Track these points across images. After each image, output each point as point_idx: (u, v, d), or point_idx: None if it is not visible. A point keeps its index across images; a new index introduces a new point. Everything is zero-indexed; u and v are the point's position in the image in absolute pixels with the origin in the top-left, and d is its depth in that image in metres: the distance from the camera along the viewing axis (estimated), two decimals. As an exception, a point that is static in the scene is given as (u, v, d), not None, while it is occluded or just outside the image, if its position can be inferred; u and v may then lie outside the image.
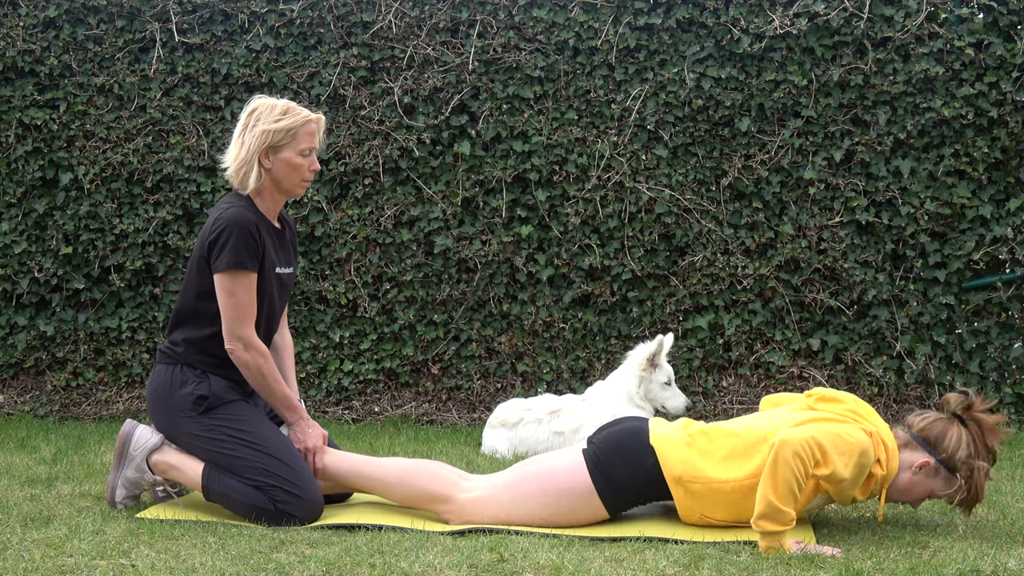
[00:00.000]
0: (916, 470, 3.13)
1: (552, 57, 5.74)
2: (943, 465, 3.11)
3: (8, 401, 5.99)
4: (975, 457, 3.11)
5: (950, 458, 3.11)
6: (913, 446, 3.17)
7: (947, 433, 3.13)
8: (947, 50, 5.53)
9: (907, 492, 3.16)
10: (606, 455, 3.17)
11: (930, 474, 3.13)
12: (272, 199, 3.42)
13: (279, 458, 3.22)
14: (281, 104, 3.37)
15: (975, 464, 3.10)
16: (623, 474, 3.13)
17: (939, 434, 3.14)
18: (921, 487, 3.14)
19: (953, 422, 3.16)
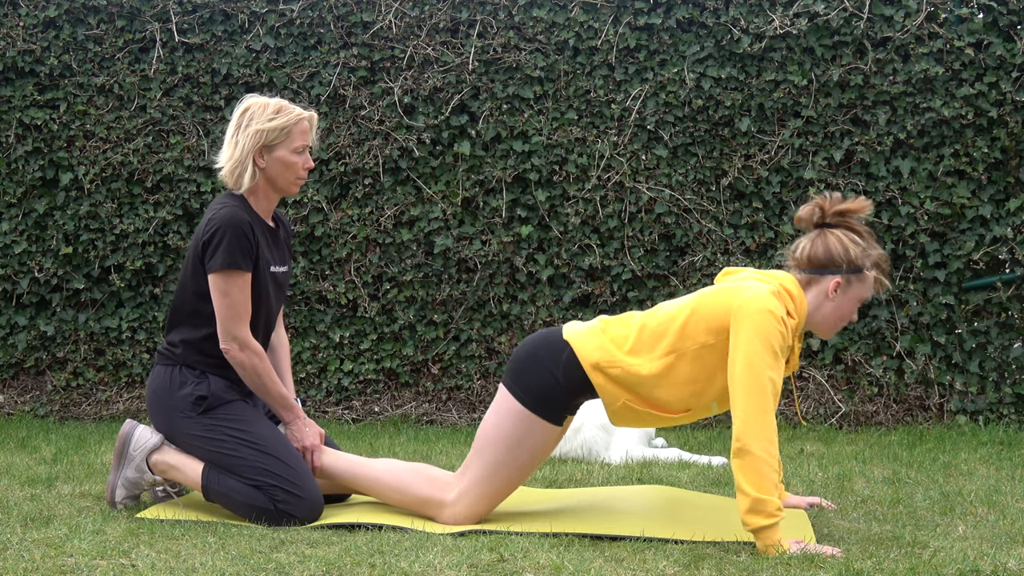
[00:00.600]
0: (833, 294, 3.09)
1: (552, 57, 5.74)
2: (851, 272, 3.08)
3: (8, 401, 5.99)
4: (867, 246, 3.10)
5: (851, 262, 3.08)
6: (814, 279, 3.11)
7: (829, 245, 3.09)
8: (947, 50, 5.53)
9: (840, 317, 3.12)
10: (521, 371, 3.14)
11: (847, 288, 3.09)
12: (266, 198, 3.42)
13: (279, 458, 3.22)
14: (274, 103, 3.37)
15: (872, 252, 3.10)
16: (542, 379, 3.11)
17: (824, 251, 3.09)
18: (847, 303, 3.10)
19: (823, 233, 3.11)
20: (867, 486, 3.88)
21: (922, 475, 4.11)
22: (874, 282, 3.11)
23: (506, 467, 3.15)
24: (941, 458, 4.52)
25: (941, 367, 5.60)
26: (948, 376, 5.58)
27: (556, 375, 3.11)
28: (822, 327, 3.14)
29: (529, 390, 3.13)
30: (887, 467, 4.30)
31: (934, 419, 5.59)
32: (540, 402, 3.12)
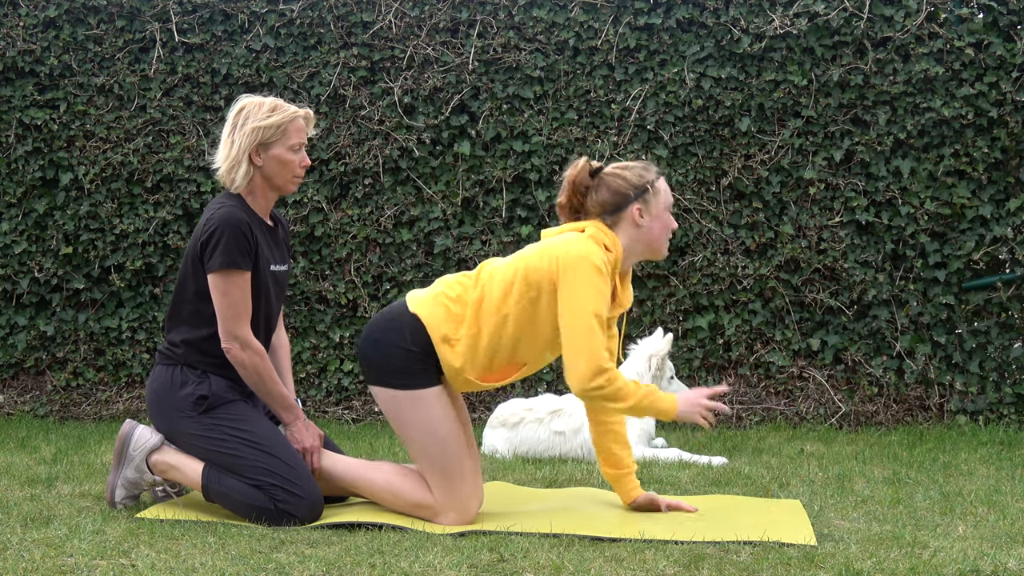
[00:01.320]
0: (640, 220, 3.23)
1: (552, 57, 5.74)
2: (643, 194, 3.22)
3: (8, 401, 5.99)
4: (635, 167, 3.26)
5: (637, 186, 3.22)
6: (617, 219, 3.24)
7: (610, 185, 3.24)
8: (947, 50, 5.53)
9: (661, 232, 3.26)
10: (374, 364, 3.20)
11: (648, 210, 3.23)
12: (264, 197, 3.42)
13: (280, 457, 3.22)
14: (269, 101, 3.37)
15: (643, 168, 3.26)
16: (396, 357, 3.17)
17: (610, 192, 3.23)
18: (657, 222, 3.25)
19: (598, 180, 3.25)
20: (867, 486, 3.88)
21: (922, 475, 4.11)
22: (664, 189, 3.27)
23: (426, 442, 3.18)
24: (941, 458, 4.52)
25: (941, 367, 5.60)
26: (948, 376, 5.58)
27: (406, 347, 3.16)
28: (652, 249, 3.28)
29: (391, 373, 3.17)
30: (887, 467, 4.30)
31: (934, 419, 5.59)
32: (408, 376, 3.17)
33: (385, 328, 3.22)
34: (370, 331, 3.25)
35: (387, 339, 3.20)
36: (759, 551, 2.85)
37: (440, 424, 3.18)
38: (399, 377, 3.18)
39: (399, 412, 3.20)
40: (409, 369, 3.17)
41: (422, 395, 3.18)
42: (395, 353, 3.18)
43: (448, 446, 3.19)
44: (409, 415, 3.19)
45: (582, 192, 3.27)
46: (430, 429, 3.18)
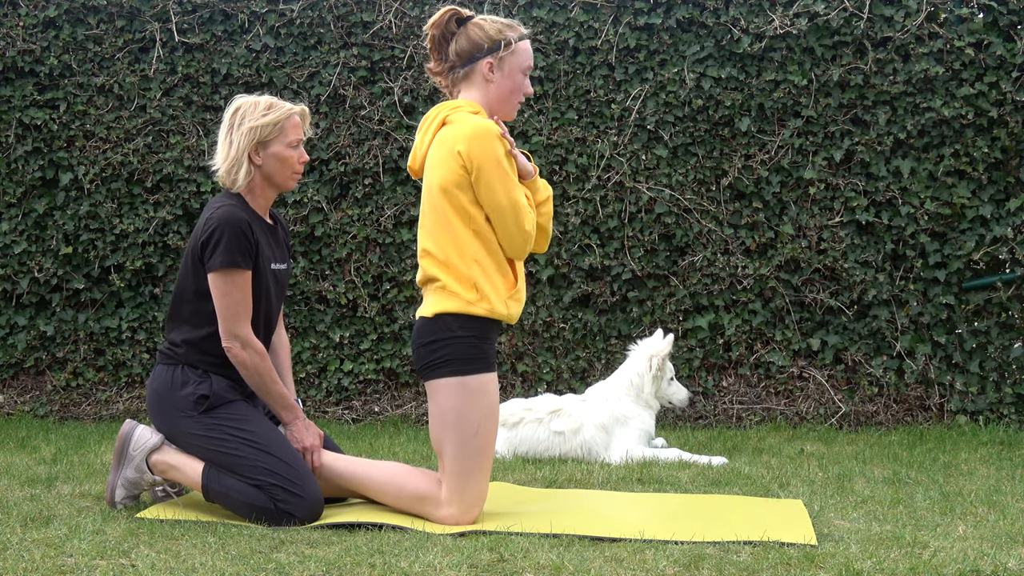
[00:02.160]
0: (489, 75, 3.22)
1: (552, 57, 5.74)
2: (496, 49, 3.20)
3: (8, 401, 5.99)
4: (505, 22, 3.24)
5: (493, 39, 3.21)
6: (468, 73, 3.25)
7: (469, 34, 3.22)
8: (947, 50, 5.53)
9: (509, 93, 3.25)
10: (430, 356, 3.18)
11: (500, 66, 3.22)
12: (264, 195, 3.42)
13: (280, 457, 3.22)
14: (264, 100, 3.38)
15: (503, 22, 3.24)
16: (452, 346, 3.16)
17: (467, 40, 3.22)
18: (508, 78, 3.23)
19: (458, 30, 3.24)
20: (867, 486, 3.88)
21: (922, 475, 4.11)
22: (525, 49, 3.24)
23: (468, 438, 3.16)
24: (941, 458, 4.52)
25: (941, 367, 5.60)
26: (948, 376, 5.58)
27: (458, 335, 3.15)
28: (501, 109, 3.27)
29: (448, 361, 3.16)
30: (887, 467, 4.30)
31: (934, 419, 5.59)
32: (464, 362, 3.16)
33: (428, 331, 3.20)
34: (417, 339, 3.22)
35: (435, 336, 3.18)
36: (759, 551, 2.85)
37: (479, 415, 3.17)
38: (451, 364, 3.16)
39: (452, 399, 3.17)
40: (461, 355, 3.16)
41: (471, 381, 3.16)
42: (446, 343, 3.16)
43: (477, 438, 3.18)
44: (472, 401, 3.16)
45: (446, 38, 3.25)
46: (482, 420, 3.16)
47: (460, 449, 3.17)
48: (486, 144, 3.11)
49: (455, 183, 3.14)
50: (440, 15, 3.25)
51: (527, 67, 3.25)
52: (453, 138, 3.13)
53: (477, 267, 3.16)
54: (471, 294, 3.15)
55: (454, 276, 3.16)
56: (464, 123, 3.14)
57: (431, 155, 3.20)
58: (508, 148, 3.17)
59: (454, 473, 3.18)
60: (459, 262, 3.16)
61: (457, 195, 3.14)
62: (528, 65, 3.26)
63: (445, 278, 3.17)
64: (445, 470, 3.20)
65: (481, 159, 3.10)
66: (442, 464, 3.21)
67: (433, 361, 3.18)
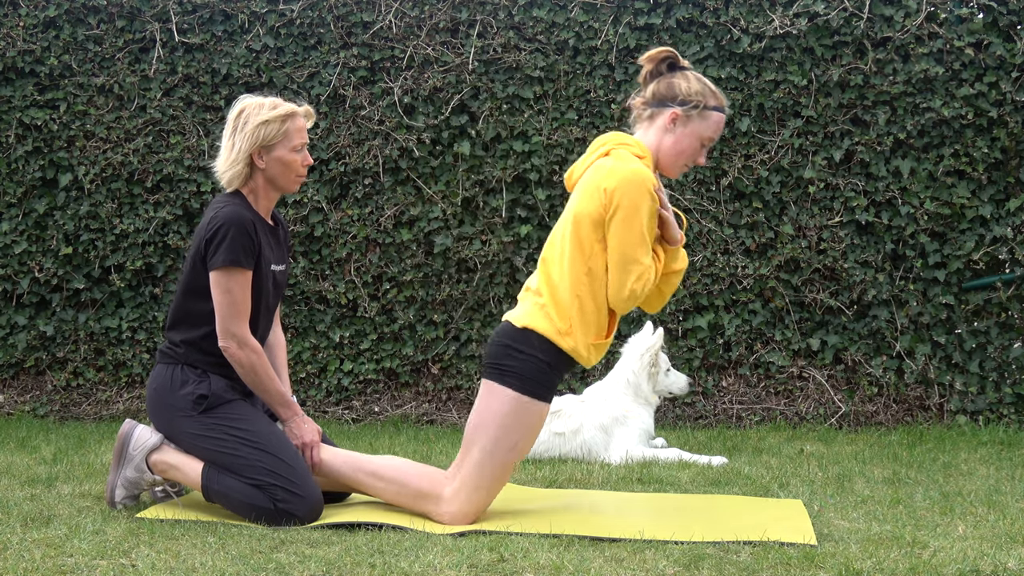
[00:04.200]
0: (671, 127, 3.18)
1: (552, 57, 5.74)
2: (690, 107, 3.17)
3: (8, 401, 5.99)
4: (711, 88, 3.19)
5: (689, 97, 3.17)
6: (655, 114, 3.22)
7: (673, 82, 3.19)
8: (947, 50, 5.53)
9: (680, 151, 3.20)
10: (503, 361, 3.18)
11: (684, 122, 3.18)
12: (267, 197, 3.42)
13: (280, 457, 3.22)
14: (269, 102, 3.37)
15: (714, 93, 3.19)
16: (527, 363, 3.16)
17: (667, 87, 3.19)
18: (687, 138, 3.19)
19: (671, 74, 3.21)
20: (867, 486, 3.88)
21: (922, 475, 4.11)
22: (715, 121, 3.19)
23: (501, 450, 3.17)
24: (941, 458, 4.52)
25: (941, 367, 5.60)
26: (948, 376, 5.58)
27: (537, 356, 3.15)
28: (665, 162, 3.23)
29: (518, 374, 3.16)
30: (887, 467, 4.30)
31: (934, 419, 5.59)
32: (532, 383, 3.16)
33: (513, 338, 3.19)
34: (500, 337, 3.22)
35: (518, 346, 3.17)
36: (759, 551, 2.85)
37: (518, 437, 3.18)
38: (524, 381, 3.16)
39: (500, 407, 3.17)
40: (532, 375, 3.16)
41: (532, 406, 3.17)
42: (525, 358, 3.16)
43: (507, 458, 3.18)
44: (507, 414, 3.16)
45: (653, 75, 3.23)
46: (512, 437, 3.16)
47: (488, 457, 3.16)
48: (635, 192, 3.08)
49: (591, 217, 3.12)
50: (657, 52, 3.24)
51: (709, 138, 3.21)
52: (607, 174, 3.11)
53: (577, 303, 3.15)
54: (563, 324, 3.15)
55: (555, 301, 3.16)
56: (622, 163, 3.11)
57: (584, 180, 3.19)
58: (657, 205, 3.15)
59: (471, 476, 3.17)
60: (565, 291, 3.15)
61: (588, 229, 3.13)
62: (711, 137, 3.21)
63: (548, 298, 3.17)
64: (463, 469, 3.20)
65: (623, 204, 3.07)
66: (462, 461, 3.21)
67: (504, 366, 3.17)
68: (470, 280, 5.81)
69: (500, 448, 3.16)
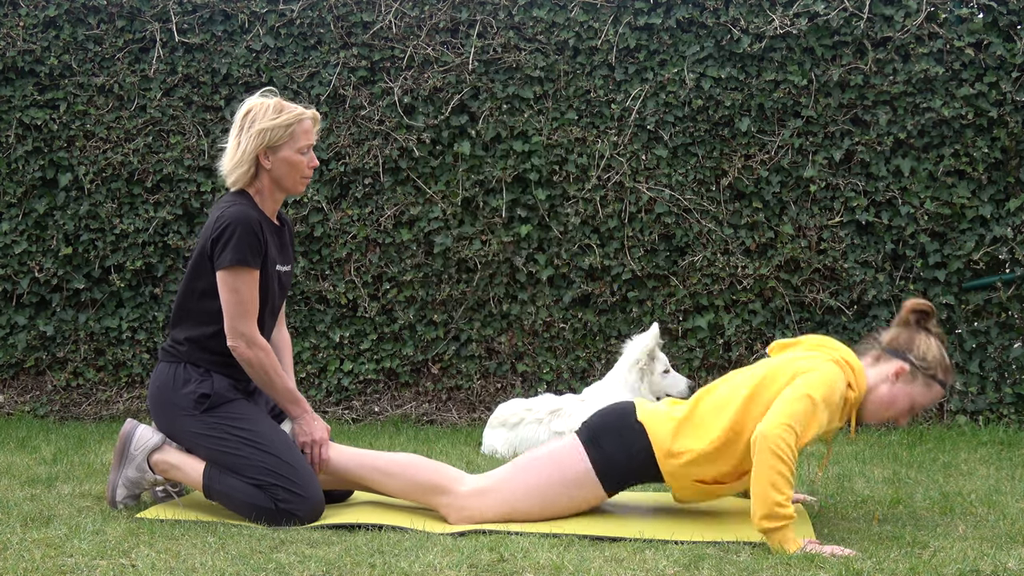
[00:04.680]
0: (894, 379, 3.13)
1: (552, 57, 5.74)
2: (919, 370, 3.12)
3: (8, 401, 5.99)
4: (948, 363, 3.15)
5: (924, 361, 3.12)
6: (885, 358, 3.17)
7: (916, 339, 3.15)
8: (947, 50, 5.53)
9: (890, 405, 3.14)
10: (598, 432, 3.19)
11: (908, 381, 3.13)
12: (272, 198, 3.43)
13: (281, 457, 3.22)
14: (275, 103, 3.38)
15: (948, 370, 3.15)
16: (616, 449, 3.15)
17: (908, 340, 3.16)
18: (903, 397, 3.13)
19: (920, 330, 3.17)
20: (867, 486, 3.88)
21: (922, 475, 4.11)
22: (936, 394, 3.13)
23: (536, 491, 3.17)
24: (941, 458, 4.52)
25: (941, 367, 5.59)
26: (948, 376, 5.58)
27: (631, 454, 3.14)
28: (871, 408, 3.15)
29: (602, 451, 3.16)
30: (887, 467, 4.30)
31: (934, 419, 5.59)
32: (607, 467, 3.16)
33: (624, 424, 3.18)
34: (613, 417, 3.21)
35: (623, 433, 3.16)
36: (759, 551, 2.85)
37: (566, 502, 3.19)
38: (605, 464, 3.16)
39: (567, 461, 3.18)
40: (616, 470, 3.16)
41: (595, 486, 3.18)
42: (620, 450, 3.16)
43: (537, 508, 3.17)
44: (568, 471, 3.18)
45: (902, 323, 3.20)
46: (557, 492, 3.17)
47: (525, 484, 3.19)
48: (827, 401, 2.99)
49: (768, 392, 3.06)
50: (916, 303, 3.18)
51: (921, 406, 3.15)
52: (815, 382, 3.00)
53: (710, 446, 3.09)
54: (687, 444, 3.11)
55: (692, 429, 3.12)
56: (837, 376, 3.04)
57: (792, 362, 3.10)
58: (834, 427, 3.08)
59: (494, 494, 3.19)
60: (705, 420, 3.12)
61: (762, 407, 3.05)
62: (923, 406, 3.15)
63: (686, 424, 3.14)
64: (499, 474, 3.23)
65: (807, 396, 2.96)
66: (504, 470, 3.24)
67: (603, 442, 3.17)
68: (470, 280, 5.81)
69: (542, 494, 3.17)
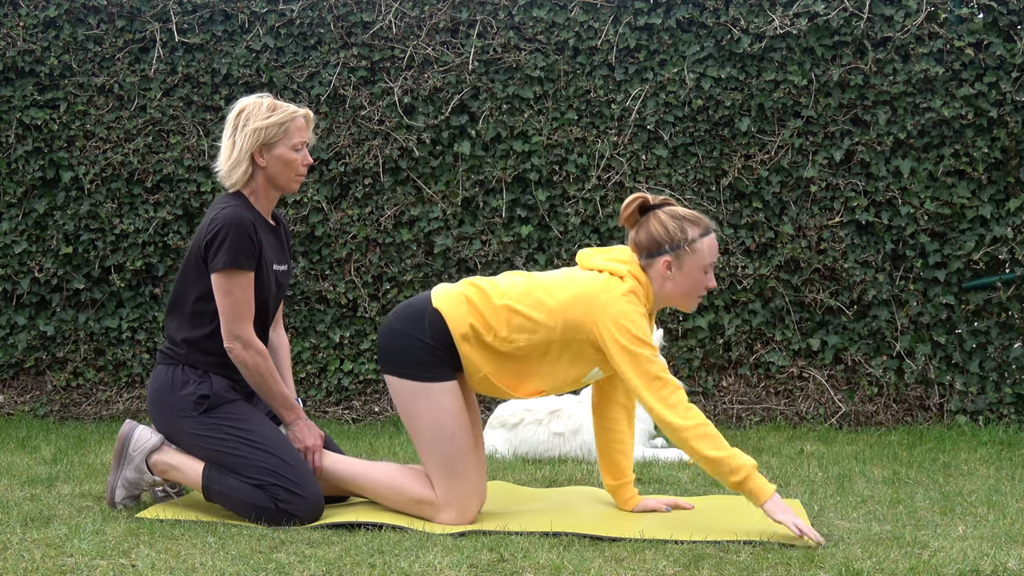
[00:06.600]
0: (667, 272, 3.18)
1: (552, 57, 5.74)
2: (676, 249, 3.16)
3: (8, 401, 5.99)
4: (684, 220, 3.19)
5: (670, 239, 3.17)
6: (648, 264, 3.21)
7: (650, 229, 3.19)
8: (947, 50, 5.53)
9: (688, 291, 3.20)
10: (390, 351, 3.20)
11: (678, 263, 3.17)
12: (267, 197, 3.43)
13: (281, 457, 3.22)
14: (268, 101, 3.38)
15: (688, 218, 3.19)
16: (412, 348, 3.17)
17: (647, 236, 3.19)
18: (687, 276, 3.18)
19: (648, 219, 3.21)
20: (867, 486, 3.88)
21: (922, 475, 4.11)
22: (706, 248, 3.19)
23: (441, 441, 3.18)
24: (941, 458, 4.52)
25: (941, 367, 5.60)
26: (948, 376, 5.58)
27: (423, 339, 3.17)
28: (677, 303, 3.24)
29: (407, 363, 3.18)
30: (887, 467, 4.31)
31: (934, 419, 5.59)
32: (422, 369, 3.17)
33: (405, 318, 3.22)
34: (390, 320, 3.25)
35: (406, 330, 3.20)
36: (759, 551, 2.85)
37: (449, 419, 3.19)
38: (413, 368, 3.18)
39: (410, 403, 3.20)
40: (424, 361, 3.18)
41: (435, 388, 3.18)
42: (412, 344, 3.18)
43: (455, 442, 3.19)
44: (420, 407, 3.19)
45: (631, 224, 3.25)
46: (439, 423, 3.18)
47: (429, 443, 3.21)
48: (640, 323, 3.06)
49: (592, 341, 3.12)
50: (627, 203, 3.23)
51: (709, 264, 3.20)
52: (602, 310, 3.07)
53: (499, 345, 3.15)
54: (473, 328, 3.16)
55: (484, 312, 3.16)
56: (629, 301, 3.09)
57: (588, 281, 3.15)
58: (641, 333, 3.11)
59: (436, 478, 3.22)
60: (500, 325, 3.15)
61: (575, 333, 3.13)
62: (711, 262, 3.19)
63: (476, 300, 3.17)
64: (427, 469, 3.25)
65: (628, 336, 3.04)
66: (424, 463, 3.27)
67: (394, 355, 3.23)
68: (470, 280, 5.81)
69: (431, 436, 3.18)
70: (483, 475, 3.27)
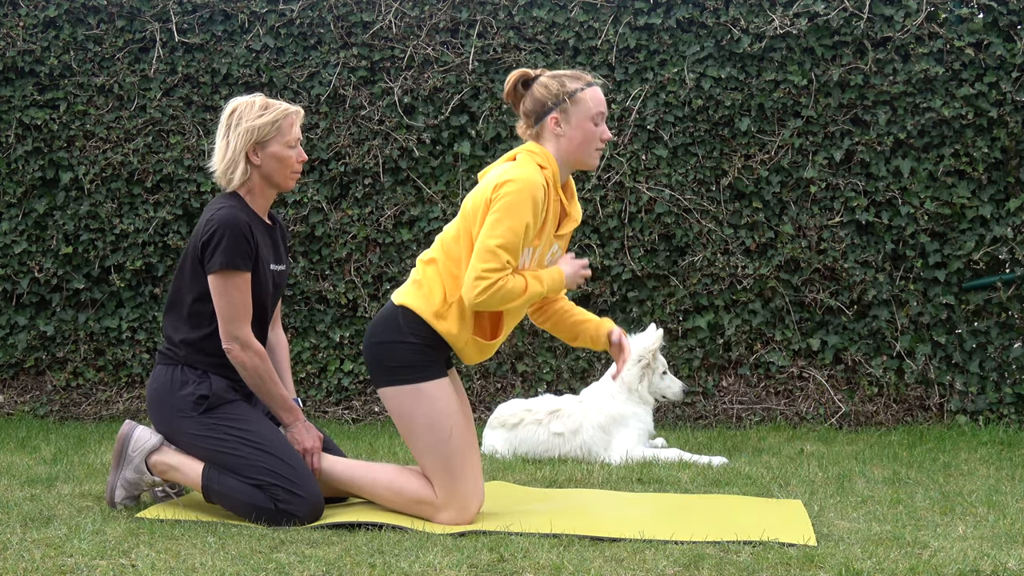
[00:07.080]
0: (557, 128, 3.23)
1: (552, 57, 5.74)
2: (560, 104, 3.22)
3: (8, 401, 5.99)
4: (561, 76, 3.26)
5: (553, 96, 3.23)
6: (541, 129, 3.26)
7: (535, 92, 3.26)
8: (947, 50, 5.53)
9: (583, 143, 3.24)
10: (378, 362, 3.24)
11: (567, 119, 3.23)
12: (263, 195, 3.43)
13: (280, 457, 3.22)
14: (259, 100, 3.40)
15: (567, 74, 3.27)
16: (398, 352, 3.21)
17: (532, 101, 3.26)
18: (578, 129, 3.23)
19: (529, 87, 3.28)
20: (867, 486, 3.88)
21: (922, 475, 4.11)
22: (590, 99, 3.24)
23: (439, 441, 3.20)
24: (941, 458, 4.52)
25: (941, 367, 5.60)
26: (948, 376, 5.58)
27: (405, 340, 3.20)
28: (577, 159, 3.27)
29: (396, 370, 3.21)
30: (887, 467, 4.30)
31: (934, 419, 5.59)
32: (411, 370, 3.20)
33: (381, 330, 3.25)
34: (369, 336, 3.29)
35: (386, 338, 3.23)
36: (759, 551, 2.85)
37: (446, 419, 3.20)
38: (403, 372, 3.20)
39: (406, 408, 3.21)
40: (412, 362, 3.20)
41: (427, 388, 3.20)
42: (396, 349, 3.21)
43: (453, 442, 3.20)
44: (416, 410, 3.20)
45: (518, 101, 3.32)
46: (436, 424, 3.19)
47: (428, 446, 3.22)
48: (519, 195, 3.09)
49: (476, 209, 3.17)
50: (508, 81, 3.31)
51: (597, 113, 3.24)
52: (502, 173, 3.15)
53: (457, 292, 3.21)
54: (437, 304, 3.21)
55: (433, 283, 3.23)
56: (520, 169, 3.14)
57: (486, 177, 3.24)
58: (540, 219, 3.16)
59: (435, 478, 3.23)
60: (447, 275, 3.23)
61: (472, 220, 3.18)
62: (598, 112, 3.24)
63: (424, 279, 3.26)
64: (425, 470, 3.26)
65: (504, 203, 3.09)
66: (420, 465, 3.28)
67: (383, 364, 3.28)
68: (470, 280, 5.81)
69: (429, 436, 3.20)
70: (480, 474, 3.27)
